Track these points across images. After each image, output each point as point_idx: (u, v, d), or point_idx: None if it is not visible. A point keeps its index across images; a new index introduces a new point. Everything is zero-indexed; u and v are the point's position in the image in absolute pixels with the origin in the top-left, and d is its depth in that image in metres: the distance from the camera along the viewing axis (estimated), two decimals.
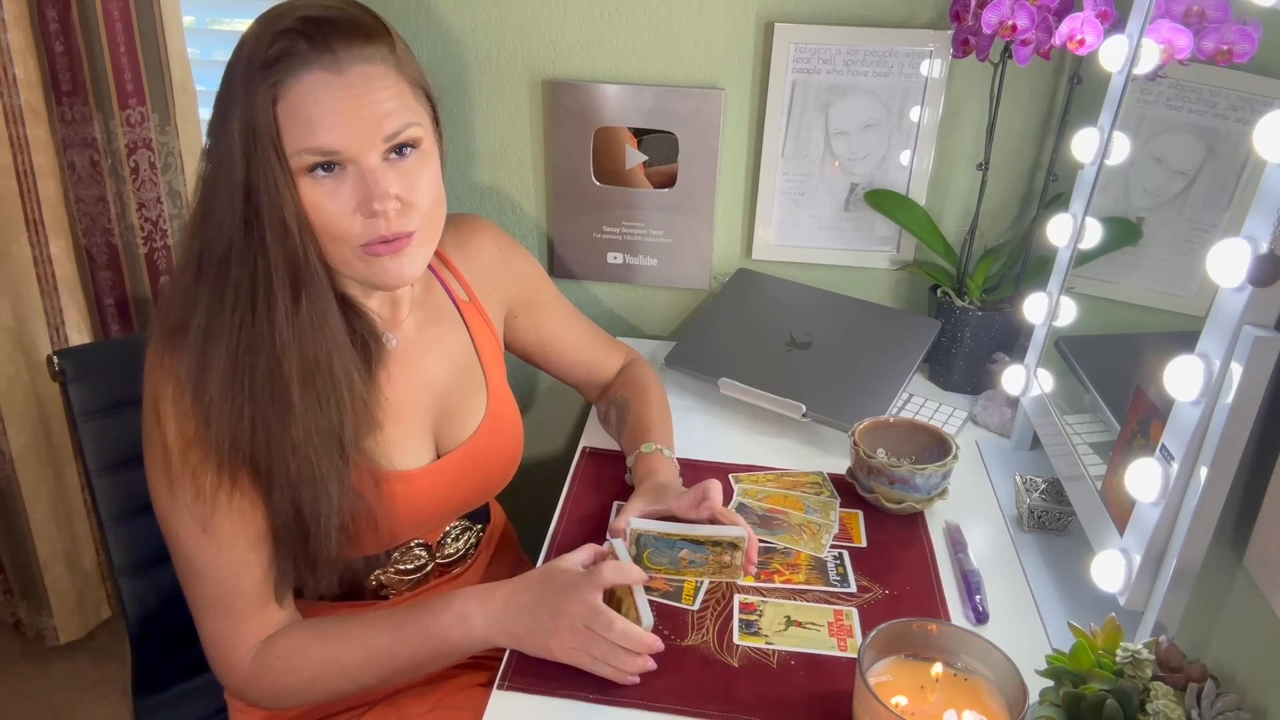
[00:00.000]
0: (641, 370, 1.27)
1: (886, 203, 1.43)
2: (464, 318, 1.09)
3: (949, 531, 1.11)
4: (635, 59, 1.41)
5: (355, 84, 0.83)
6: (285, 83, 0.82)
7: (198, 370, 0.85)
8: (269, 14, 0.85)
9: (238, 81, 0.83)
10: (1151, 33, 1.00)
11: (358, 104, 0.83)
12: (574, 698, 0.87)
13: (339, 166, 0.85)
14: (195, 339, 0.85)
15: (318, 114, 0.82)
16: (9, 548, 1.80)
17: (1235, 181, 1.02)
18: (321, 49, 0.82)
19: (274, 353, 0.86)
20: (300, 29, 0.82)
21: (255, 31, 0.84)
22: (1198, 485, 0.79)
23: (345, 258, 0.89)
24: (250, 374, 0.86)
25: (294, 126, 0.83)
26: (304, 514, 0.89)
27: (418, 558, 1.06)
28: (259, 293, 0.85)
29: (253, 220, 0.83)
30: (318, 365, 0.88)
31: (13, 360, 1.63)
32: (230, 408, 0.85)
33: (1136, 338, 1.15)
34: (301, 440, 0.87)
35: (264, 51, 0.82)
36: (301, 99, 0.82)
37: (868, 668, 0.82)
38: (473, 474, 1.06)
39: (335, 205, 0.85)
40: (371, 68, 0.84)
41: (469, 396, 1.07)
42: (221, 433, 0.86)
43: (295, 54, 0.82)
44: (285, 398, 0.87)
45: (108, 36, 1.45)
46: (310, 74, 0.82)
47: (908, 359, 1.31)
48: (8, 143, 1.50)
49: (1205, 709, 0.72)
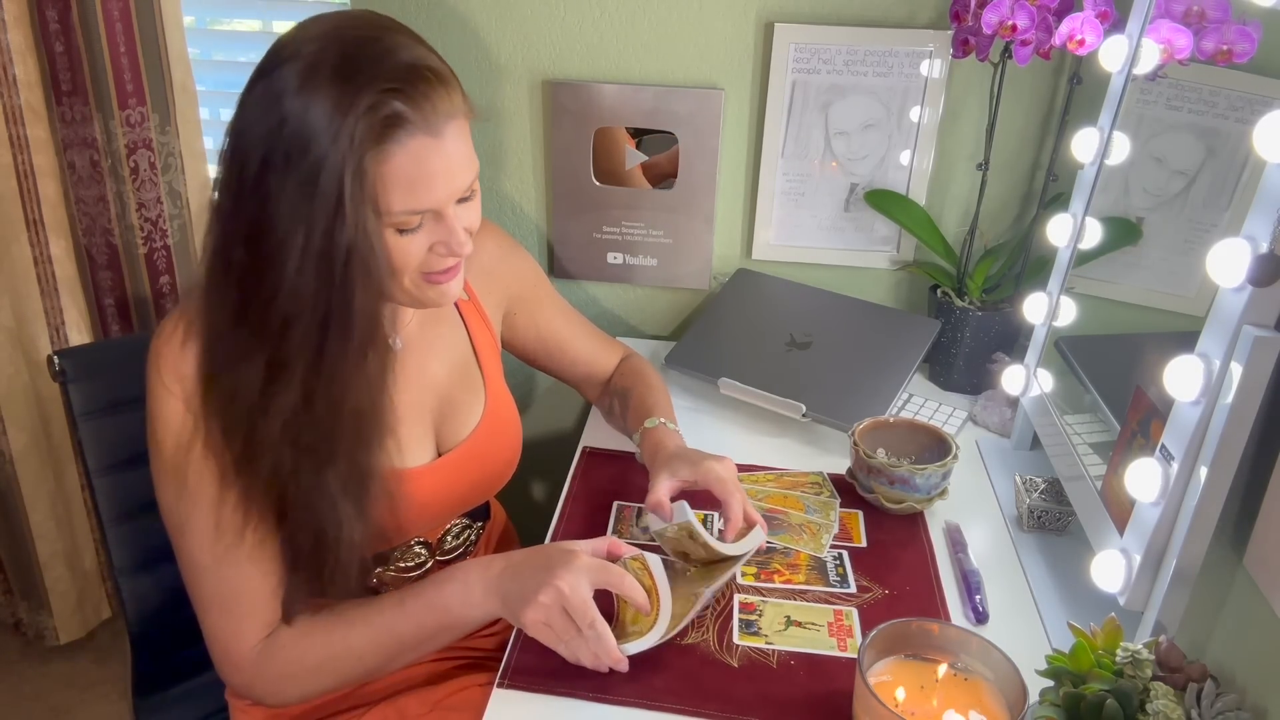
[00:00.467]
0: (640, 362, 1.28)
1: (886, 203, 1.43)
2: (463, 317, 1.09)
3: (949, 531, 1.11)
4: (635, 59, 1.41)
5: (449, 146, 0.83)
6: (386, 148, 0.79)
7: (250, 423, 0.84)
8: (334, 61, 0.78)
9: (324, 140, 0.77)
10: (1151, 33, 1.00)
11: (450, 165, 0.83)
12: (574, 696, 0.87)
13: (423, 219, 0.85)
14: (250, 390, 0.84)
15: (418, 178, 0.81)
16: (9, 548, 1.80)
17: (1235, 181, 1.02)
18: (425, 111, 0.80)
19: (333, 408, 0.85)
20: (398, 88, 0.79)
21: (332, 81, 0.77)
22: (1198, 485, 0.79)
23: (403, 287, 0.89)
24: (304, 428, 0.85)
25: (393, 189, 0.81)
26: (325, 547, 0.89)
27: (417, 555, 1.06)
28: (329, 349, 0.83)
29: (340, 282, 0.80)
30: (366, 414, 0.88)
31: (13, 360, 1.63)
32: (276, 458, 0.85)
33: (1136, 338, 1.15)
34: (334, 486, 0.88)
35: (360, 113, 0.77)
36: (403, 165, 0.80)
37: (868, 668, 0.82)
38: (473, 472, 1.07)
39: (415, 250, 0.86)
40: (457, 122, 0.84)
41: (468, 395, 1.07)
42: (259, 480, 0.86)
43: (399, 121, 0.79)
44: (332, 448, 0.87)
45: (108, 36, 1.46)
46: (413, 140, 0.80)
47: (908, 359, 1.31)
48: (8, 143, 1.50)
49: (1205, 709, 0.72)
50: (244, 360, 0.84)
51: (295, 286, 0.80)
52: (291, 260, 0.79)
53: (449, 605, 0.92)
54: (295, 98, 0.77)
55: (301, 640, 0.93)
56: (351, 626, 0.93)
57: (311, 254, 0.79)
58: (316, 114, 0.77)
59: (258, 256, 0.80)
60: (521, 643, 0.93)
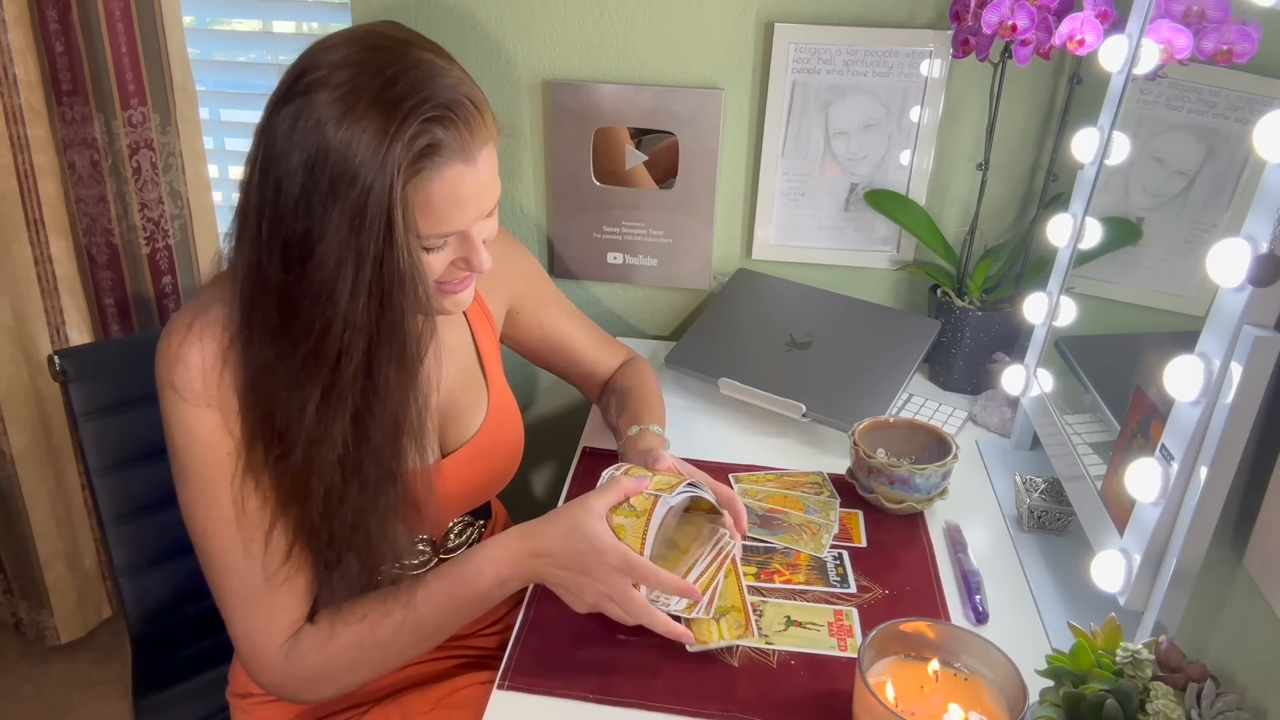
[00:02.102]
0: (640, 366, 1.28)
1: (886, 203, 1.43)
2: (466, 316, 1.10)
3: (949, 531, 1.11)
4: (635, 59, 1.41)
5: (482, 171, 0.84)
6: (424, 175, 0.80)
7: (305, 455, 0.85)
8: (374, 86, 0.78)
9: (370, 171, 0.77)
10: (1151, 33, 1.00)
11: (481, 190, 0.84)
12: (574, 698, 0.87)
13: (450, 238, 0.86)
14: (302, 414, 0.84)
15: (452, 203, 0.82)
16: (9, 548, 1.80)
17: (1235, 181, 1.02)
18: (464, 139, 0.81)
19: (387, 434, 0.86)
20: (438, 117, 0.79)
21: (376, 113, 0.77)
22: (1198, 485, 0.79)
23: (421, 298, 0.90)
24: (357, 450, 0.86)
25: (426, 213, 0.82)
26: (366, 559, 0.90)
27: (421, 553, 1.06)
28: (380, 378, 0.84)
29: (389, 308, 0.81)
30: (418, 432, 0.89)
31: (13, 360, 1.63)
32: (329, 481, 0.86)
33: (1136, 338, 1.15)
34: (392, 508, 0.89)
35: (408, 146, 0.77)
36: (439, 191, 0.81)
37: (868, 668, 0.82)
38: (477, 472, 1.07)
39: (437, 266, 0.87)
40: (489, 148, 0.85)
41: (471, 395, 1.08)
42: (310, 501, 0.87)
43: (439, 150, 0.80)
44: (390, 471, 0.88)
45: (108, 36, 1.46)
46: (451, 168, 0.81)
47: (908, 359, 1.31)
48: (8, 143, 1.50)
49: (1205, 709, 0.72)
50: (296, 390, 0.83)
51: (349, 315, 0.80)
52: (343, 290, 0.79)
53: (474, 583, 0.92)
54: (337, 127, 0.76)
55: (330, 640, 0.92)
56: (375, 621, 0.93)
57: (363, 283, 0.79)
58: (361, 144, 0.76)
59: (305, 286, 0.80)
60: (521, 645, 0.93)
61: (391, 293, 0.80)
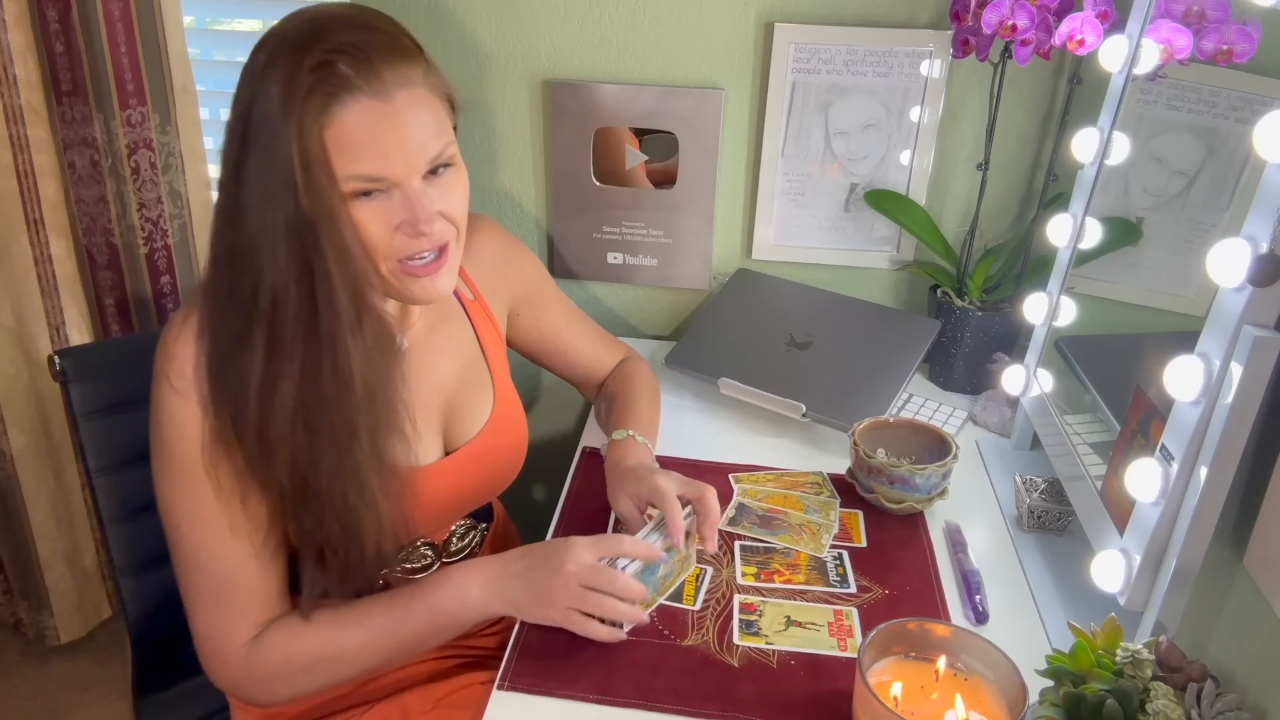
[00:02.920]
0: (635, 366, 1.27)
1: (886, 203, 1.43)
2: (469, 316, 1.09)
3: (949, 531, 1.11)
4: (635, 59, 1.41)
5: (401, 110, 0.82)
6: (331, 110, 0.79)
7: (260, 413, 0.85)
8: (295, 34, 0.81)
9: (276, 113, 0.78)
10: (1151, 33, 1.00)
11: (404, 131, 0.83)
12: (574, 698, 0.87)
13: (382, 190, 0.85)
14: (253, 376, 0.84)
15: (368, 141, 0.81)
16: (9, 548, 1.80)
17: (1235, 181, 1.02)
18: (369, 75, 0.80)
19: (339, 383, 0.85)
20: (343, 50, 0.80)
21: (287, 54, 0.80)
22: (1198, 485, 0.79)
23: (382, 274, 0.88)
24: (315, 407, 0.85)
25: (343, 154, 0.81)
26: (351, 532, 0.90)
27: (424, 557, 1.06)
28: (321, 323, 0.83)
29: (311, 251, 0.81)
30: (376, 387, 0.88)
31: (13, 360, 1.63)
32: (293, 441, 0.86)
33: (1136, 338, 1.15)
34: (364, 464, 0.88)
35: (306, 78, 0.78)
36: (350, 127, 0.80)
37: (868, 667, 0.82)
38: (481, 470, 1.07)
39: (377, 225, 0.85)
40: (413, 90, 0.83)
41: (475, 394, 1.07)
42: (280, 467, 0.86)
43: (341, 81, 0.79)
44: (350, 425, 0.87)
45: (108, 36, 1.46)
46: (358, 102, 0.80)
47: (908, 359, 1.31)
48: (8, 143, 1.50)
49: (1205, 709, 0.72)
50: (244, 346, 0.84)
51: (274, 263, 0.81)
52: (266, 237, 0.81)
53: (444, 607, 0.92)
54: (259, 77, 0.80)
55: (293, 640, 0.92)
56: (345, 628, 0.93)
57: (281, 228, 0.80)
58: (272, 88, 0.79)
59: (240, 239, 0.82)
60: (521, 645, 0.93)
61: (309, 236, 0.80)
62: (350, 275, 0.84)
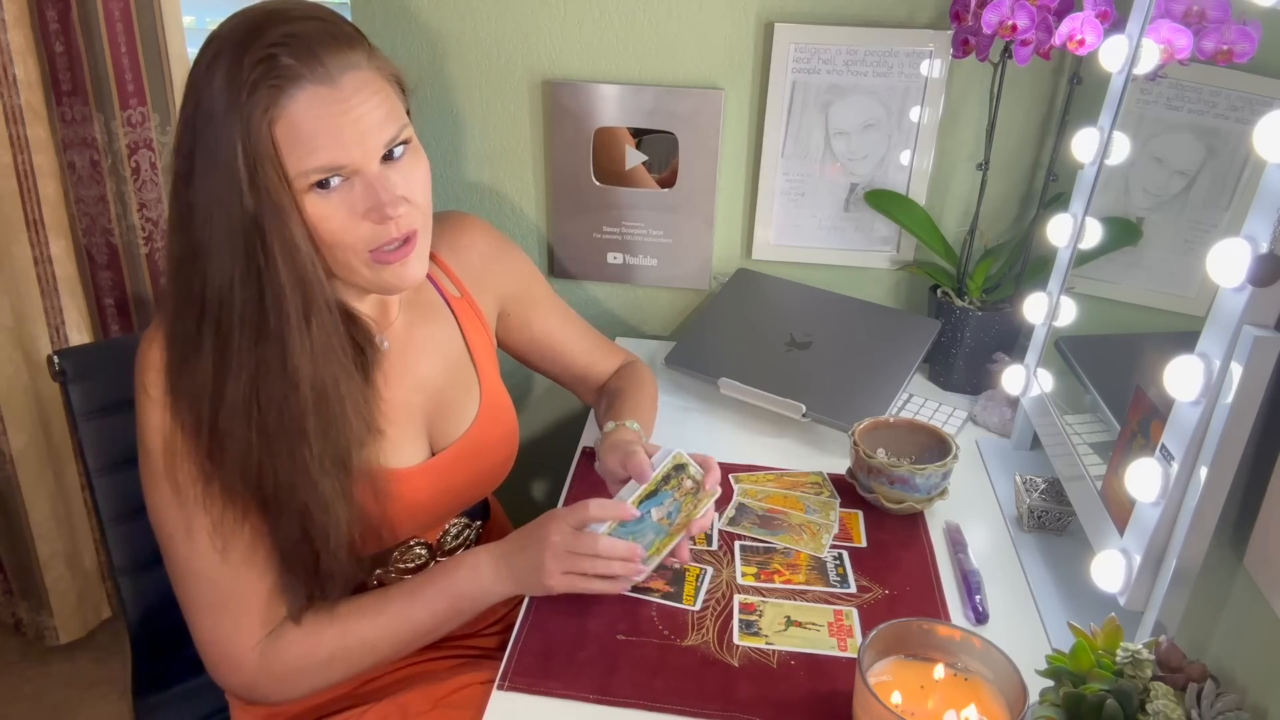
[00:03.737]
0: (635, 371, 1.26)
1: (886, 203, 1.43)
2: (455, 314, 1.09)
3: (949, 531, 1.11)
4: (635, 59, 1.41)
5: (349, 95, 0.81)
6: (279, 103, 0.79)
7: (211, 412, 0.84)
8: (236, 33, 0.81)
9: (221, 110, 0.78)
10: (1151, 33, 1.00)
11: (355, 115, 0.82)
12: (574, 698, 0.87)
13: (342, 179, 0.84)
14: (204, 379, 0.84)
15: (320, 130, 0.80)
16: (9, 548, 1.80)
17: (1235, 181, 1.02)
18: (312, 63, 0.79)
19: (287, 384, 0.85)
20: (284, 43, 0.79)
21: (229, 52, 0.79)
22: (1198, 485, 0.79)
23: (353, 266, 0.88)
24: (263, 408, 0.85)
25: (296, 147, 0.80)
26: (313, 535, 0.89)
27: (418, 556, 1.06)
28: (269, 323, 0.83)
29: (258, 250, 0.80)
30: (327, 389, 0.87)
31: (13, 360, 1.63)
32: (244, 443, 0.85)
33: (1136, 338, 1.15)
34: (313, 465, 0.87)
35: (249, 73, 0.78)
36: (300, 118, 0.80)
37: (868, 668, 0.82)
38: (468, 470, 1.06)
39: (342, 216, 0.85)
40: (360, 74, 0.82)
41: (462, 393, 1.07)
42: (233, 469, 0.86)
43: (285, 72, 0.79)
44: (299, 426, 0.86)
45: (108, 36, 1.46)
46: (304, 91, 0.79)
47: (908, 359, 1.31)
48: (8, 143, 1.50)
49: (1205, 709, 0.72)
50: (195, 350, 0.84)
51: (220, 264, 0.81)
52: (213, 238, 0.80)
53: (461, 590, 0.94)
54: (203, 78, 0.80)
55: (310, 635, 0.93)
56: (362, 616, 0.94)
57: (226, 227, 0.80)
58: (216, 88, 0.78)
59: (189, 241, 0.82)
60: (521, 645, 0.93)
61: (255, 235, 0.80)
62: (299, 275, 0.83)
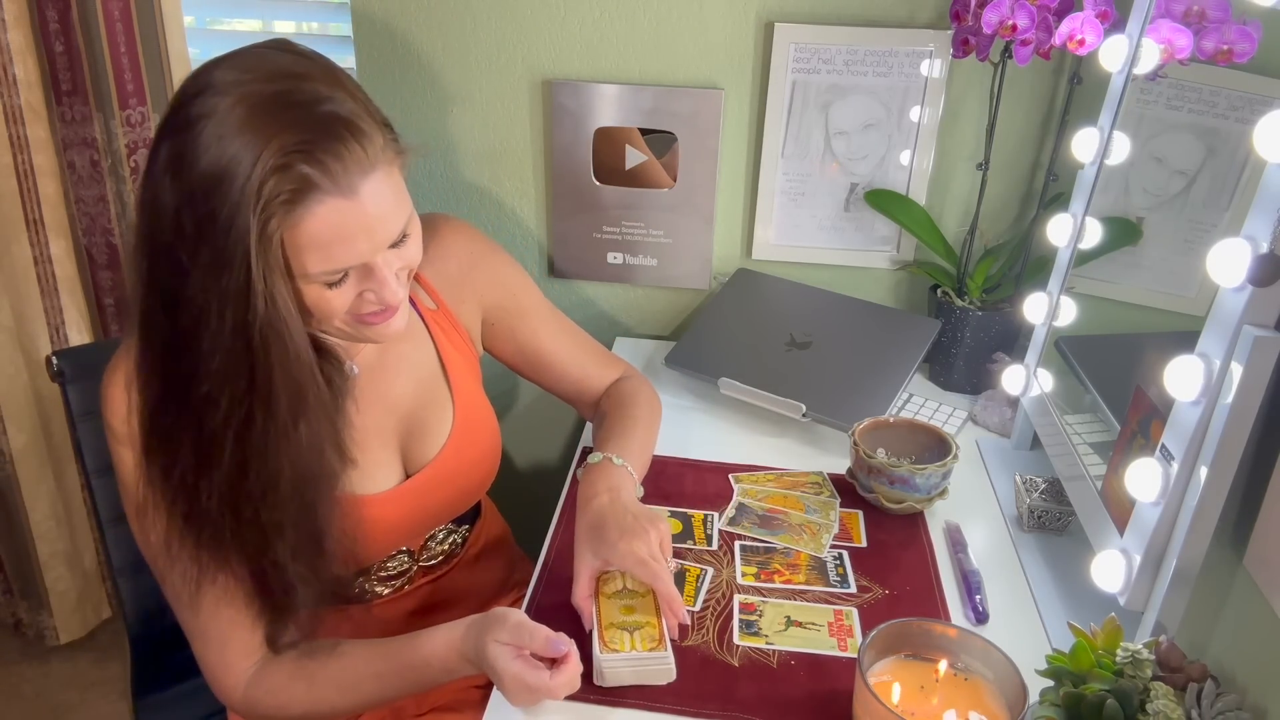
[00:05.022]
0: (633, 385, 1.19)
1: (886, 203, 1.43)
2: (430, 329, 1.05)
3: (949, 531, 1.11)
4: (635, 59, 1.41)
5: (367, 204, 0.78)
6: (295, 213, 0.75)
7: (186, 504, 0.83)
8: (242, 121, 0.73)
9: (233, 216, 0.73)
10: (1151, 33, 1.00)
11: (370, 220, 0.79)
12: (574, 698, 0.87)
13: (349, 270, 0.82)
14: (184, 470, 0.82)
15: (336, 239, 0.78)
16: (9, 548, 1.80)
17: (1235, 181, 1.02)
18: (336, 172, 0.76)
19: (266, 483, 0.83)
20: (301, 150, 0.74)
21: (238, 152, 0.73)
22: (1198, 485, 0.79)
23: (336, 326, 0.86)
24: (239, 506, 0.83)
25: (309, 253, 0.78)
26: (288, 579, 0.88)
27: (401, 563, 1.05)
28: (255, 426, 0.80)
29: (259, 362, 0.78)
30: (306, 487, 0.86)
31: (13, 360, 1.63)
32: (217, 524, 0.84)
33: (1136, 338, 1.15)
34: (286, 554, 0.86)
35: (262, 181, 0.73)
36: (317, 229, 0.77)
37: (868, 668, 0.82)
38: (443, 490, 1.04)
39: (341, 301, 0.83)
40: (375, 175, 0.79)
41: (434, 413, 1.03)
42: (206, 541, 0.85)
43: (302, 184, 0.75)
44: (279, 518, 0.85)
45: (108, 36, 1.46)
46: (323, 204, 0.76)
47: (908, 359, 1.31)
48: (8, 143, 1.50)
49: (1205, 709, 0.72)
50: (174, 437, 0.82)
51: (212, 365, 0.77)
52: (207, 338, 0.76)
53: (429, 663, 0.90)
54: (203, 161, 0.73)
55: (282, 694, 0.92)
56: (329, 688, 0.92)
57: (225, 331, 0.76)
58: (224, 182, 0.73)
59: (176, 329, 0.78)
60: None
61: (257, 342, 0.76)
62: (296, 384, 0.81)
